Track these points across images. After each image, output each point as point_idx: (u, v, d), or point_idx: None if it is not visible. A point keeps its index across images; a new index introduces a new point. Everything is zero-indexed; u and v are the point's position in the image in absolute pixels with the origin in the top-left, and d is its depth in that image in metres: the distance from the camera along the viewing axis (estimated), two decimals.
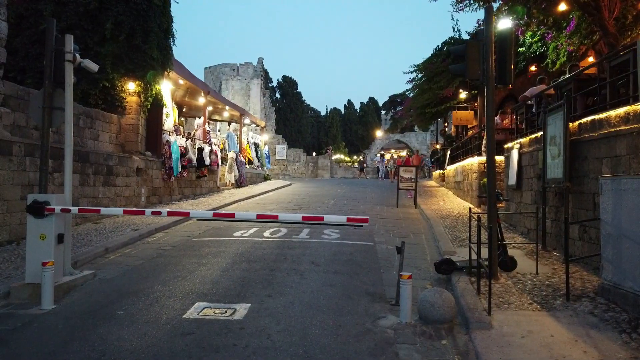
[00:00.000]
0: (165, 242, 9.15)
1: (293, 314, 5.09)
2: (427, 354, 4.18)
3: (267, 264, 7.22)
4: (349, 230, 10.02)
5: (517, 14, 11.08)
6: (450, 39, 20.41)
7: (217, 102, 21.17)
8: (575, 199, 7.15)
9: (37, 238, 5.80)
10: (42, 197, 5.90)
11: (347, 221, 5.63)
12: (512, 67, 6.57)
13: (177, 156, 14.73)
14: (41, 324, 4.87)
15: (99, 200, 10.93)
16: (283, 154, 38.61)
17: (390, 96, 60.07)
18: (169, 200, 14.72)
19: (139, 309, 5.24)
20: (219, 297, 5.62)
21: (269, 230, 10.11)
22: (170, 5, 13.39)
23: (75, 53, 6.41)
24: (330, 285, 6.21)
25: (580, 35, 10.34)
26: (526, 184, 9.46)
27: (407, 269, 5.55)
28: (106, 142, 12.13)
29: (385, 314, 5.15)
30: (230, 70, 43.30)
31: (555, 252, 7.71)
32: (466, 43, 6.74)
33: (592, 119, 6.66)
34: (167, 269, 7.01)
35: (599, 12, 9.10)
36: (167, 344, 4.29)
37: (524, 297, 5.48)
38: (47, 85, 6.32)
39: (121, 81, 12.56)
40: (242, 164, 21.48)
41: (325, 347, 4.25)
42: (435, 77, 19.89)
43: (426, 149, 42.25)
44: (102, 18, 11.85)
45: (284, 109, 52.81)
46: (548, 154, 7.81)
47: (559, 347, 4.11)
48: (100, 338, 4.42)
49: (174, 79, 15.50)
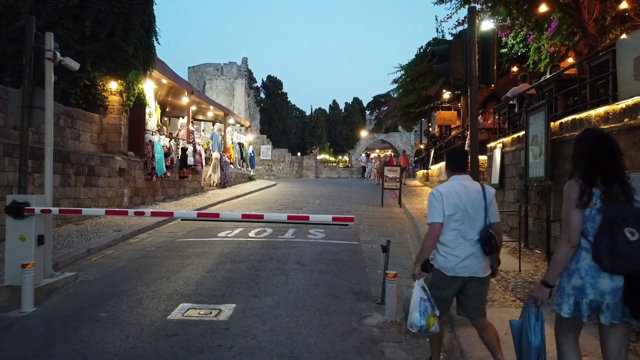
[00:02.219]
0: (149, 243, 9.04)
1: (279, 314, 5.07)
2: (412, 352, 4.20)
3: (252, 264, 7.19)
4: (334, 229, 10.02)
5: (499, 15, 11.23)
6: (434, 39, 20.59)
7: (201, 101, 21.00)
8: (556, 198, 7.26)
9: (16, 239, 5.68)
10: (21, 197, 5.78)
11: (332, 220, 5.64)
12: (495, 68, 6.66)
13: (160, 156, 14.57)
14: (21, 327, 4.77)
15: (80, 201, 10.75)
16: (268, 154, 38.47)
17: (375, 96, 60.39)
18: (152, 201, 14.56)
19: (122, 310, 5.17)
20: (203, 298, 5.57)
21: (254, 230, 10.06)
22: (152, 4, 13.25)
23: (56, 51, 6.29)
24: (316, 284, 6.21)
25: (561, 36, 10.50)
26: (509, 183, 9.58)
27: (392, 267, 5.57)
28: (88, 142, 11.94)
29: (371, 312, 5.17)
30: (214, 70, 43.03)
31: (537, 249, 7.83)
32: (450, 43, 6.81)
33: (573, 119, 6.78)
34: (150, 270, 6.92)
35: (579, 14, 9.25)
36: (151, 346, 4.24)
37: (507, 294, 5.55)
38: (27, 84, 6.19)
39: (103, 80, 12.38)
40: (226, 164, 21.34)
41: (311, 347, 4.24)
42: (420, 77, 20.04)
43: (410, 149, 42.52)
44: (82, 16, 11.66)
45: (269, 109, 52.66)
46: (530, 153, 7.92)
47: None
48: (82, 340, 4.35)
49: (157, 78, 15.33)
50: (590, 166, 2.70)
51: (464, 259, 3.43)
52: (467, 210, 3.43)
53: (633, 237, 2.50)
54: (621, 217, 2.56)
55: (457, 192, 3.47)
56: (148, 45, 13.09)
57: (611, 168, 2.67)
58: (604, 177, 2.66)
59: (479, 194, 3.49)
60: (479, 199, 3.47)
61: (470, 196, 3.47)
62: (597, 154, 2.70)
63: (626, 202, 2.63)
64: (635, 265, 2.50)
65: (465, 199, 3.45)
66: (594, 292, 2.61)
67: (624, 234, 2.51)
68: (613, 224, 2.55)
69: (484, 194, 3.49)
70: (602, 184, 2.66)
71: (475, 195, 3.48)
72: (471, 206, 3.44)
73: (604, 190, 2.64)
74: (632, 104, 5.28)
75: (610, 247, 2.53)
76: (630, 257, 2.49)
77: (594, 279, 2.62)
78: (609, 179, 2.65)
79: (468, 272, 3.46)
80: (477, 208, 3.45)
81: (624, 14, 9.82)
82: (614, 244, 2.52)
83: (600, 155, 2.70)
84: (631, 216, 2.56)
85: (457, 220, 3.43)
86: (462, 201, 3.44)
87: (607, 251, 2.54)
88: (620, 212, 2.57)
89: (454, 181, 3.56)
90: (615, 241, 2.52)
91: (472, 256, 3.44)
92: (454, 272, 3.46)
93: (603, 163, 2.68)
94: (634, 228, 2.52)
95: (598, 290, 2.61)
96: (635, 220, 2.54)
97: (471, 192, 3.49)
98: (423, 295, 3.45)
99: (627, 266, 2.52)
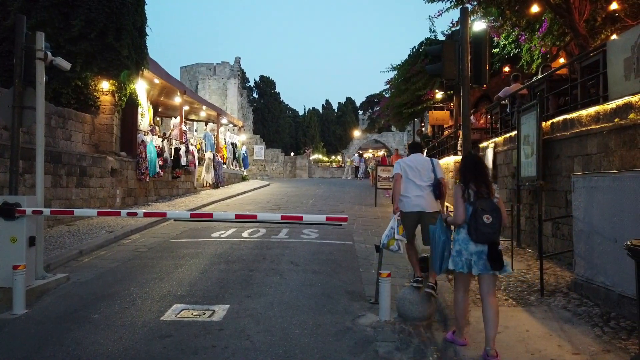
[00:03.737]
0: (142, 243, 8.99)
1: (273, 314, 5.06)
2: (406, 351, 4.21)
3: (246, 265, 7.17)
4: (328, 229, 10.03)
5: (491, 16, 11.29)
6: (426, 39, 20.62)
7: (193, 101, 20.92)
8: (548, 197, 7.31)
9: (7, 241, 5.63)
10: (12, 198, 5.73)
11: (326, 220, 5.64)
12: (487, 68, 6.70)
13: (153, 156, 14.50)
14: (13, 329, 4.73)
15: (72, 201, 10.67)
16: (261, 154, 38.41)
17: (368, 96, 60.48)
18: (145, 202, 14.48)
19: (114, 312, 5.14)
20: (197, 299, 5.55)
21: (247, 230, 10.04)
22: (144, 4, 13.18)
23: (47, 51, 6.24)
24: (310, 284, 6.21)
25: (552, 36, 10.57)
26: (501, 182, 9.64)
27: (386, 267, 5.58)
28: (79, 143, 11.86)
29: (364, 312, 5.17)
30: (207, 69, 42.89)
31: (529, 249, 7.88)
32: (442, 43, 6.84)
33: (564, 119, 6.83)
34: (143, 271, 6.89)
35: (570, 14, 9.32)
36: (144, 347, 4.22)
37: (500, 293, 5.59)
38: (17, 84, 6.14)
39: (94, 80, 12.30)
40: (219, 164, 21.28)
41: (306, 347, 4.25)
42: (412, 77, 20.07)
43: (403, 149, 42.61)
44: (73, 15, 11.57)
45: (262, 109, 52.58)
46: (522, 152, 7.97)
47: (534, 342, 4.21)
48: (75, 342, 4.32)
49: (149, 78, 15.25)
50: (467, 177, 4.16)
51: (414, 199, 5.38)
52: (418, 168, 5.48)
53: (488, 220, 3.92)
54: (482, 208, 3.95)
55: (411, 160, 5.63)
56: (140, 45, 13.01)
57: (479, 177, 4.12)
58: (475, 182, 4.08)
59: (427, 161, 5.62)
60: (427, 163, 5.59)
61: (420, 161, 5.59)
62: (471, 170, 4.19)
63: (487, 198, 4.03)
64: (488, 238, 3.92)
65: (416, 163, 5.55)
66: (467, 253, 4.04)
67: (482, 218, 3.91)
68: (477, 212, 3.95)
69: (431, 162, 5.61)
70: (474, 187, 4.06)
71: (424, 161, 5.64)
72: (422, 166, 5.50)
73: (475, 190, 4.05)
74: (622, 104, 5.33)
75: (475, 227, 3.94)
76: (486, 232, 3.92)
77: (466, 245, 4.04)
78: (478, 184, 4.07)
79: (419, 208, 5.37)
80: (426, 168, 5.49)
81: (615, 14, 9.91)
82: (477, 225, 3.93)
83: (473, 171, 4.18)
84: (488, 207, 3.96)
85: (411, 175, 5.46)
86: (414, 164, 5.54)
87: (473, 229, 3.95)
88: (482, 205, 3.97)
89: (411, 156, 5.75)
90: (478, 223, 3.93)
91: (420, 198, 5.37)
92: (410, 208, 5.40)
93: (475, 175, 4.13)
94: (489, 215, 3.92)
95: (468, 252, 4.04)
96: (491, 210, 3.94)
97: (420, 160, 5.64)
98: (393, 225, 5.33)
99: (484, 238, 3.93)
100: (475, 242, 3.97)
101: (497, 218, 3.92)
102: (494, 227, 3.91)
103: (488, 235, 3.90)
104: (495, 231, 3.93)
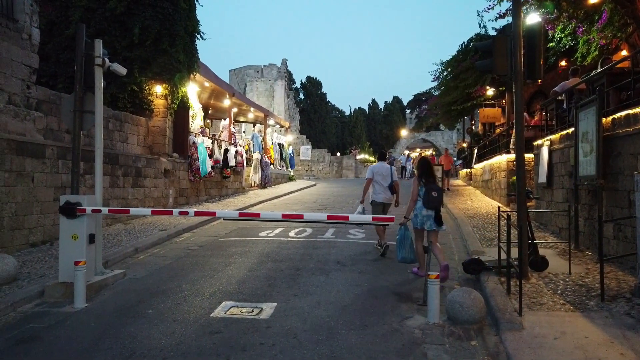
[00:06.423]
0: (193, 242, 9.27)
1: (319, 313, 5.07)
2: (456, 355, 4.10)
3: (292, 264, 7.23)
4: (374, 230, 9.93)
5: (545, 9, 10.80)
6: (476, 35, 20.06)
7: (242, 103, 21.35)
8: (609, 197, 6.92)
9: (69, 238, 5.95)
10: (74, 198, 6.04)
11: (372, 220, 5.58)
12: (542, 62, 6.41)
13: (203, 157, 14.91)
14: (74, 322, 4.99)
15: (128, 201, 11.16)
16: (307, 154, 38.63)
17: (415, 95, 59.50)
18: (196, 201, 14.93)
19: (167, 307, 5.32)
20: (245, 297, 5.66)
21: (294, 230, 10.13)
22: (195, 9, 13.58)
23: (105, 57, 6.54)
24: (356, 284, 6.18)
25: (614, 27, 9.99)
26: (557, 182, 9.22)
27: (434, 268, 5.47)
28: (135, 145, 12.38)
29: (412, 314, 5.09)
30: (255, 72, 43.60)
31: (588, 251, 7.48)
32: (493, 38, 6.61)
33: (627, 114, 6.43)
34: (194, 268, 7.10)
35: (632, 4, 8.78)
36: (195, 342, 4.34)
37: (557, 297, 5.33)
38: (78, 90, 6.47)
39: (149, 84, 12.81)
40: (266, 164, 21.61)
41: (352, 347, 4.22)
42: (462, 74, 19.58)
43: (452, 148, 41.66)
44: (129, 23, 12.10)
45: (308, 109, 52.83)
46: (580, 150, 7.58)
47: (594, 349, 3.98)
48: (130, 336, 4.50)
49: (199, 82, 15.70)
50: (421, 170, 6.50)
51: (380, 194, 8.08)
52: (382, 174, 8.13)
53: (435, 195, 6.21)
54: (431, 188, 6.26)
55: (378, 167, 8.28)
56: (191, 50, 13.43)
57: (429, 171, 6.47)
58: (426, 174, 6.41)
59: (388, 168, 8.24)
60: (388, 170, 8.22)
61: (383, 169, 8.22)
62: (424, 167, 6.53)
63: (434, 183, 6.42)
64: (435, 206, 6.23)
65: (381, 170, 8.19)
66: (421, 215, 6.28)
67: (432, 194, 6.20)
68: (428, 190, 6.24)
69: (390, 169, 8.25)
70: (424, 178, 6.38)
71: (386, 168, 8.25)
72: (385, 173, 8.16)
73: (425, 180, 6.36)
74: None
75: (427, 199, 6.21)
76: (434, 201, 6.20)
77: (421, 210, 6.29)
78: (427, 175, 6.41)
79: (383, 200, 8.09)
80: (386, 174, 8.14)
81: None
82: (428, 198, 6.20)
83: (425, 167, 6.53)
84: (434, 187, 6.30)
85: (377, 178, 8.12)
86: (379, 171, 8.17)
87: (426, 200, 6.21)
88: (431, 186, 6.28)
89: (378, 164, 8.44)
90: (428, 197, 6.20)
91: (383, 193, 8.08)
92: (379, 200, 8.09)
93: (426, 170, 6.48)
94: (435, 192, 6.24)
95: (422, 215, 6.28)
96: (437, 190, 6.29)
97: (383, 168, 8.23)
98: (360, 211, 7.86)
99: (432, 206, 6.21)
100: (427, 209, 6.22)
101: (439, 195, 6.28)
102: (438, 199, 6.24)
103: (436, 203, 6.22)
104: (439, 202, 6.27)
